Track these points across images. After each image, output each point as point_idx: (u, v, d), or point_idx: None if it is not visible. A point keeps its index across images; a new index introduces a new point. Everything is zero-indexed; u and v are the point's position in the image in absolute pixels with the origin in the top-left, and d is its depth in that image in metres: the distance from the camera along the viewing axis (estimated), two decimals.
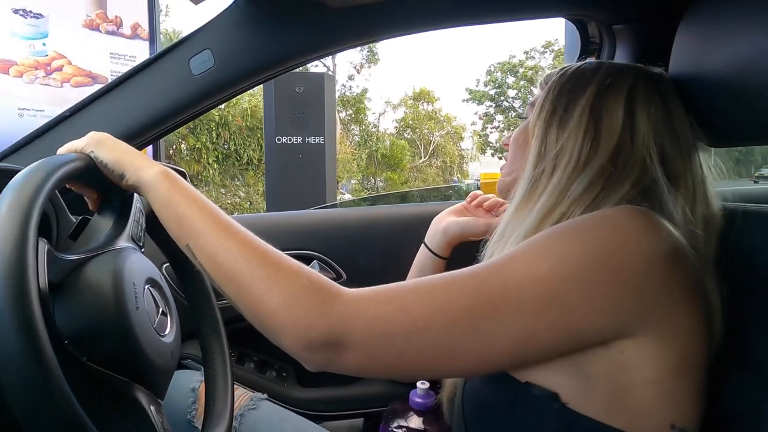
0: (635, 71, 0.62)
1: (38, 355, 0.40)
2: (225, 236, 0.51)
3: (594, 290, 0.46)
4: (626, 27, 0.92)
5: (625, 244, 0.47)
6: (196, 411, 0.88)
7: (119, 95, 0.88)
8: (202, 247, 0.51)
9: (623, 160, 0.57)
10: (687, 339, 0.48)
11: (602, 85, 0.60)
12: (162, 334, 0.60)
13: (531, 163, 0.62)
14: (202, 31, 0.86)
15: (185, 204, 0.53)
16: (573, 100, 0.61)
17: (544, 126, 0.62)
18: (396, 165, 13.15)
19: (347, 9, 0.81)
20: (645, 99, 0.59)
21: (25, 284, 0.42)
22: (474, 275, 0.49)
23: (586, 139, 0.58)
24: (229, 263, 0.50)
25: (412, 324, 0.47)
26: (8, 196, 0.46)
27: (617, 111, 0.59)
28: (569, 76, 0.64)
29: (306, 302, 0.47)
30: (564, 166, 0.58)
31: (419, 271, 0.96)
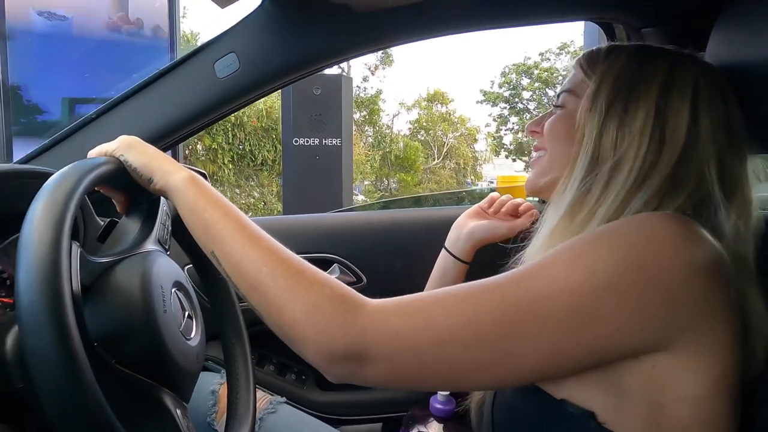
0: (693, 62, 0.56)
1: (72, 359, 0.41)
2: (250, 244, 0.51)
3: (627, 302, 0.44)
4: (656, 30, 0.90)
5: (661, 254, 0.45)
6: (216, 413, 0.88)
7: (145, 98, 0.89)
8: (227, 254, 0.51)
9: (683, 171, 0.52)
10: (724, 355, 0.46)
11: (666, 79, 0.54)
12: (188, 337, 0.60)
13: (582, 169, 0.56)
14: (228, 34, 0.86)
15: (211, 210, 0.53)
16: (635, 96, 0.54)
17: (599, 125, 0.55)
18: (409, 166, 13.13)
19: (372, 13, 0.81)
20: (709, 99, 0.53)
21: (59, 287, 0.42)
22: (500, 287, 0.47)
23: (651, 147, 0.52)
24: (253, 272, 0.49)
25: (438, 337, 0.45)
26: (42, 199, 0.47)
27: (682, 114, 0.53)
28: (624, 64, 0.57)
29: (328, 313, 0.46)
30: (624, 178, 0.53)
31: (441, 276, 0.94)
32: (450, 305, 0.47)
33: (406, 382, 0.49)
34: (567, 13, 0.92)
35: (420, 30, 0.88)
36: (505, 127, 19.75)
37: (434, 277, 0.96)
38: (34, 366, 0.40)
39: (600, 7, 0.90)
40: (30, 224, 0.45)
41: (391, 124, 15.68)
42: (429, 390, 0.52)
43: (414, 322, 0.46)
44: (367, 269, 1.09)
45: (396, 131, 15.40)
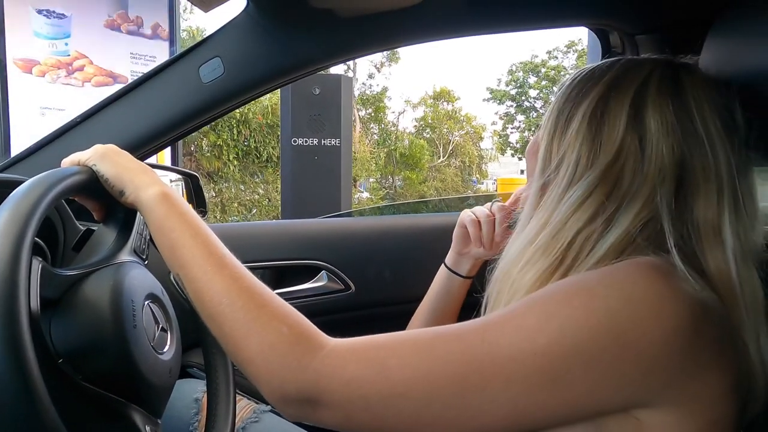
0: (651, 64, 0.55)
1: (25, 379, 0.40)
2: (213, 271, 0.49)
3: (597, 368, 0.42)
4: (649, 37, 0.88)
5: (639, 318, 0.42)
6: (199, 422, 0.87)
7: (129, 102, 0.88)
8: (190, 280, 0.50)
9: (629, 169, 0.50)
10: (717, 401, 0.44)
11: (608, 87, 0.54)
12: (160, 351, 0.59)
13: (538, 174, 0.58)
14: (213, 38, 0.85)
15: (179, 231, 0.52)
16: (576, 105, 0.56)
17: (548, 135, 0.57)
18: (414, 164, 13.10)
19: (358, 18, 0.79)
20: (657, 97, 0.52)
21: (14, 305, 0.41)
22: (462, 339, 0.45)
23: (584, 149, 0.53)
24: (213, 302, 0.48)
25: (391, 390, 0.44)
26: (4, 212, 0.46)
27: (620, 115, 0.52)
28: (579, 80, 0.58)
29: (282, 355, 0.45)
30: (562, 176, 0.54)
31: (446, 295, 0.90)
32: (406, 355, 0.45)
33: (360, 429, 0.47)
34: (562, 19, 0.91)
35: (408, 35, 0.86)
36: (512, 125, 19.69)
37: (436, 297, 0.91)
38: None
39: (593, 14, 0.88)
40: None
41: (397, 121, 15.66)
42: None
43: (367, 371, 0.44)
44: (356, 277, 1.07)
45: (401, 129, 15.37)
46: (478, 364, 0.43)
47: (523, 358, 0.42)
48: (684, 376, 0.43)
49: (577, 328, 0.42)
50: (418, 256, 1.05)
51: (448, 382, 0.43)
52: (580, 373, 0.42)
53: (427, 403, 0.43)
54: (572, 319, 0.43)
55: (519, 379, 0.42)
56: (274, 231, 1.08)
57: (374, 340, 0.47)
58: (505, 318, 0.45)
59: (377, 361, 0.45)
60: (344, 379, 0.44)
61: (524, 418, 0.43)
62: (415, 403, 0.43)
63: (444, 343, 0.45)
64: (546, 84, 18.23)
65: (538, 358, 0.42)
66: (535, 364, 0.42)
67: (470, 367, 0.43)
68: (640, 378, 0.42)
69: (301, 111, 4.37)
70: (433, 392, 0.43)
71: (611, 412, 0.44)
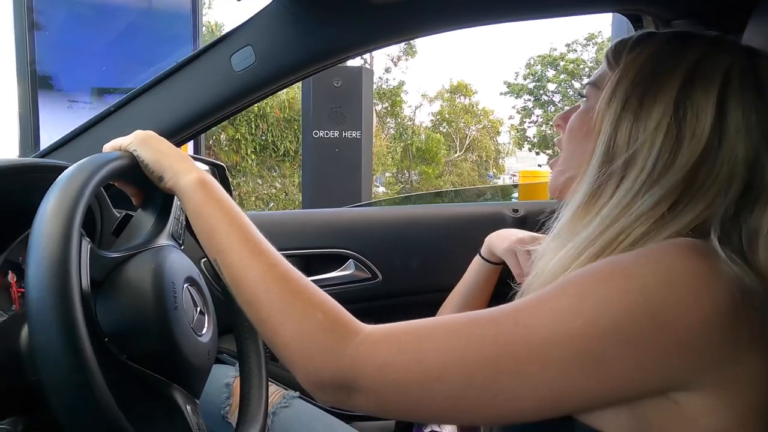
0: (730, 51, 0.50)
1: (79, 356, 0.41)
2: (250, 257, 0.50)
3: (634, 349, 0.41)
4: (687, 23, 0.86)
5: (676, 299, 0.41)
6: (230, 406, 0.89)
7: (162, 91, 0.89)
8: (227, 265, 0.51)
9: (704, 173, 0.47)
10: (757, 386, 0.43)
11: (690, 72, 0.49)
12: (199, 333, 0.60)
13: (595, 165, 0.52)
14: (244, 27, 0.86)
15: (216, 218, 0.53)
16: (653, 91, 0.50)
17: (614, 121, 0.51)
18: (431, 159, 13.06)
19: (389, 5, 0.79)
20: (741, 91, 0.48)
21: (67, 284, 0.42)
22: (496, 322, 0.44)
23: (665, 146, 0.48)
24: (250, 288, 0.49)
25: (427, 374, 0.43)
26: (54, 194, 0.47)
27: (706, 110, 0.47)
28: (649, 55, 0.52)
29: (317, 341, 0.45)
30: (635, 176, 0.49)
31: (477, 281, 0.93)
32: (441, 340, 0.44)
33: (395, 414, 0.48)
34: (594, 4, 0.89)
35: (440, 22, 0.86)
36: (529, 119, 19.48)
37: (469, 282, 0.94)
38: (42, 362, 0.41)
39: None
40: (41, 220, 0.45)
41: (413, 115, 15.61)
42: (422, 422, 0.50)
43: (402, 356, 0.44)
44: (383, 265, 1.08)
45: (418, 123, 15.32)
46: (512, 347, 0.42)
47: (558, 340, 0.42)
48: (723, 359, 0.42)
49: (612, 308, 0.41)
50: (445, 246, 1.05)
51: (482, 366, 0.43)
52: (617, 354, 0.41)
53: (463, 387, 0.43)
54: (607, 299, 0.42)
55: (554, 362, 0.42)
56: (302, 220, 1.09)
57: (408, 326, 0.46)
58: (538, 301, 0.45)
59: (412, 345, 0.44)
60: (379, 364, 0.44)
61: (561, 401, 0.43)
62: (450, 387, 0.43)
63: (477, 327, 0.44)
64: (565, 78, 17.98)
65: (574, 339, 0.41)
66: (571, 345, 0.41)
67: (504, 351, 0.42)
68: (677, 359, 0.41)
69: (322, 103, 4.39)
70: (468, 376, 0.43)
71: (649, 395, 0.43)
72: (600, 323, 0.41)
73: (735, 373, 0.42)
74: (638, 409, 0.44)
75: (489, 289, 0.93)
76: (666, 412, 0.43)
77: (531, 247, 0.77)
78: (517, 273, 0.85)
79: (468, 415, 0.45)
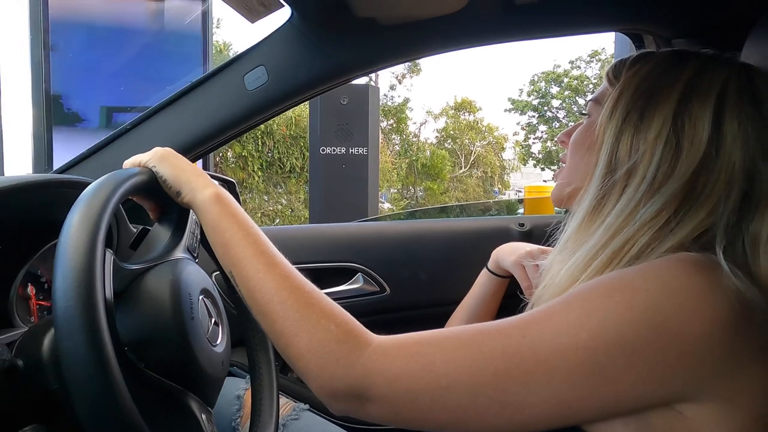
0: (726, 66, 0.52)
1: (103, 362, 0.42)
2: (265, 270, 0.52)
3: (640, 361, 0.42)
4: (687, 41, 0.88)
5: (678, 312, 0.42)
6: (241, 418, 0.90)
7: (177, 109, 0.92)
8: (243, 278, 0.53)
9: (702, 181, 0.49)
10: (758, 396, 0.44)
11: (688, 85, 0.51)
12: (214, 343, 0.61)
13: (598, 177, 0.54)
14: (257, 47, 0.89)
15: (232, 231, 0.54)
16: (652, 104, 0.52)
17: (615, 133, 0.54)
18: (436, 175, 13.11)
19: (399, 25, 0.82)
20: (737, 104, 0.50)
21: (93, 292, 0.44)
22: (504, 334, 0.46)
23: (665, 157, 0.50)
24: (265, 299, 0.50)
25: (436, 384, 0.45)
26: (79, 208, 0.49)
27: (703, 122, 0.49)
28: (648, 71, 0.54)
29: (331, 352, 0.47)
30: (636, 186, 0.51)
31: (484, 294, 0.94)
32: (450, 351, 0.46)
33: (407, 424, 0.48)
34: (596, 24, 0.92)
35: (448, 42, 0.88)
36: (534, 135, 19.55)
37: (476, 295, 0.95)
38: (67, 368, 0.42)
39: (629, 19, 0.88)
40: (67, 232, 0.47)
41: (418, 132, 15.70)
42: None
43: (413, 366, 0.46)
44: (391, 279, 1.09)
45: (423, 139, 15.41)
46: (520, 358, 0.44)
47: (566, 352, 0.43)
48: (727, 370, 0.43)
49: (618, 322, 0.42)
50: (453, 259, 1.06)
51: (491, 377, 0.44)
52: (623, 367, 0.42)
53: (472, 396, 0.44)
54: (613, 313, 0.43)
55: (562, 374, 0.43)
56: (311, 234, 1.10)
57: (419, 336, 0.48)
58: (546, 314, 0.46)
59: (422, 356, 0.46)
60: (391, 374, 0.45)
61: (568, 412, 0.44)
62: (460, 397, 0.44)
63: (486, 338, 0.46)
64: (569, 94, 18.08)
65: (581, 352, 0.42)
66: (578, 358, 0.42)
67: (512, 362, 0.44)
68: (681, 371, 0.42)
69: (329, 121, 4.45)
70: (477, 386, 0.44)
71: (655, 406, 0.44)
72: (606, 337, 0.42)
73: (738, 384, 0.43)
74: (645, 420, 0.45)
75: (496, 302, 0.94)
76: (672, 423, 0.44)
77: (539, 261, 0.79)
78: (525, 286, 0.86)
79: (477, 424, 0.46)
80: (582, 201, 0.57)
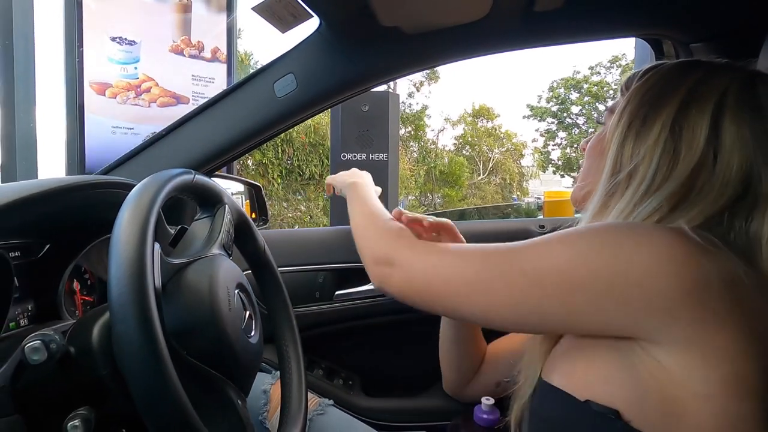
0: (730, 74, 0.55)
1: (155, 349, 0.46)
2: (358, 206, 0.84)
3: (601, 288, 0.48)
4: (705, 46, 0.89)
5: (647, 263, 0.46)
6: (268, 412, 0.93)
7: (210, 116, 0.96)
8: (351, 217, 0.83)
9: (701, 182, 0.53)
10: (734, 358, 0.46)
11: (688, 93, 0.55)
12: (249, 335, 0.65)
13: (605, 178, 0.59)
14: (286, 56, 0.93)
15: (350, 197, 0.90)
16: (653, 111, 0.56)
17: (620, 138, 0.58)
18: (454, 182, 13.08)
19: (423, 34, 0.85)
20: (736, 110, 0.53)
21: (144, 280, 0.47)
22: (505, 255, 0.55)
23: (663, 160, 0.54)
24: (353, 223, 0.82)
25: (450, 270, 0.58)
26: (130, 205, 0.53)
27: (701, 127, 0.53)
28: (654, 82, 0.59)
29: None
30: (635, 187, 0.56)
31: None
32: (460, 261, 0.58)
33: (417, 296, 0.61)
34: (615, 30, 0.93)
35: (470, 49, 0.91)
36: (553, 142, 19.39)
37: None
38: (120, 350, 0.46)
39: (647, 24, 0.90)
40: (120, 227, 0.51)
41: (437, 139, 15.70)
42: None
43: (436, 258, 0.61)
44: None
45: (441, 146, 15.39)
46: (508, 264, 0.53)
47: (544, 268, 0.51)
48: (692, 319, 0.45)
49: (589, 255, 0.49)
50: None
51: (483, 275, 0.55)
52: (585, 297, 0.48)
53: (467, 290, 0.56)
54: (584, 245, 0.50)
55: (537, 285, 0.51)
56: (336, 235, 1.14)
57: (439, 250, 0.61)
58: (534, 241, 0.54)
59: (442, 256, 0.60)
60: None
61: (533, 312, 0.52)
62: (458, 281, 0.56)
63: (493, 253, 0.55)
64: (589, 100, 17.91)
65: (554, 273, 0.50)
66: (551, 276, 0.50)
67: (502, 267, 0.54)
68: (643, 309, 0.46)
69: (350, 127, 4.50)
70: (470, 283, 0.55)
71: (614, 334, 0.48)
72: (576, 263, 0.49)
73: (706, 340, 0.46)
74: (638, 376, 0.48)
75: None
76: (656, 371, 0.47)
77: None
78: None
79: (466, 301, 0.56)
80: (591, 201, 0.62)
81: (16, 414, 0.56)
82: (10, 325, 0.65)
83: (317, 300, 1.09)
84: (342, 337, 1.12)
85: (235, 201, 0.76)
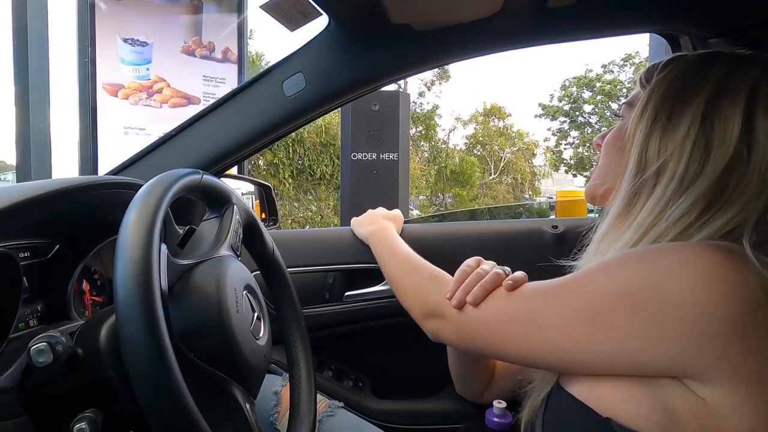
0: (759, 66, 0.52)
1: (161, 351, 0.45)
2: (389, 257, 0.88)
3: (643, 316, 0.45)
4: (723, 41, 0.87)
5: (687, 283, 0.44)
6: (278, 414, 0.92)
7: (219, 115, 0.96)
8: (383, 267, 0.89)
9: (735, 178, 0.50)
10: None
11: (717, 86, 0.52)
12: (257, 336, 0.64)
13: (629, 177, 0.56)
14: (295, 55, 0.92)
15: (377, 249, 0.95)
16: (680, 104, 0.53)
17: (644, 134, 0.55)
18: (465, 181, 13.04)
19: (433, 31, 0.84)
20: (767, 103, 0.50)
21: (150, 282, 0.47)
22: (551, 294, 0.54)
23: (694, 156, 0.51)
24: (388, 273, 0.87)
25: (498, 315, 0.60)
26: (136, 206, 0.52)
27: (733, 121, 0.50)
28: (678, 73, 0.55)
29: None
30: (665, 185, 0.52)
31: None
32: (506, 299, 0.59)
33: None
34: (630, 26, 0.91)
35: (482, 46, 0.89)
36: (565, 141, 19.23)
37: None
38: (126, 352, 0.45)
39: (664, 19, 0.88)
40: (126, 227, 0.50)
41: (447, 139, 15.67)
42: None
43: None
44: None
45: (452, 146, 15.36)
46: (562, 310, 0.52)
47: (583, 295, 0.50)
48: (740, 351, 0.43)
49: (625, 277, 0.47)
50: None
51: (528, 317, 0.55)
52: (624, 317, 0.46)
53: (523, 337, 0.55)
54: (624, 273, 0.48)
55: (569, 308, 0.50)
56: (346, 236, 1.13)
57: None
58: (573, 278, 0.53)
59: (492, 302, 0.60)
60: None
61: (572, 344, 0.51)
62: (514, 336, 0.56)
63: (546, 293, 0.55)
64: (602, 98, 17.74)
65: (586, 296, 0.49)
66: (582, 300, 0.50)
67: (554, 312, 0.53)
68: (685, 339, 0.43)
69: (360, 127, 4.51)
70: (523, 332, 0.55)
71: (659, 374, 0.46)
72: (612, 288, 0.47)
73: (755, 370, 0.43)
74: (668, 403, 0.45)
75: None
76: (697, 407, 0.44)
77: None
78: None
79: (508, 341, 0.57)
80: (614, 200, 0.58)
81: (25, 415, 0.55)
82: (19, 325, 0.65)
83: (327, 301, 1.08)
84: (352, 338, 1.12)
85: (244, 201, 0.75)
